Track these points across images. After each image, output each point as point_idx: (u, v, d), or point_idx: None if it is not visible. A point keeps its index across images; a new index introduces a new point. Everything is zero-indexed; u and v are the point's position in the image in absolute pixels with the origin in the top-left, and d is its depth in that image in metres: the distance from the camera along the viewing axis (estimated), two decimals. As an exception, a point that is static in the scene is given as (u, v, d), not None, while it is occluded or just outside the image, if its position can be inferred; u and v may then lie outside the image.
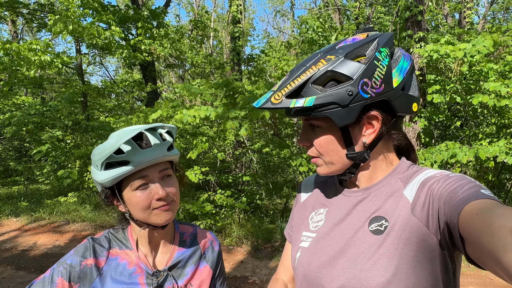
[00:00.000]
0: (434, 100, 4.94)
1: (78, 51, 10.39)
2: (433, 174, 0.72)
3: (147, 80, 10.74)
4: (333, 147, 0.77)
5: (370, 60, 0.71)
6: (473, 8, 11.38)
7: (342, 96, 0.70)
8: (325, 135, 0.77)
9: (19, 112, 7.28)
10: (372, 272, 0.68)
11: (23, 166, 10.63)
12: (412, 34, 5.81)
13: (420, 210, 0.68)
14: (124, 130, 0.89)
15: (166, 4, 11.65)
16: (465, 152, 4.20)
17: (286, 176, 8.11)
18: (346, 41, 0.78)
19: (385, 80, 0.72)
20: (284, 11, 22.50)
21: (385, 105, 0.74)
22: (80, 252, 0.90)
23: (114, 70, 24.62)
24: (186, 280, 0.97)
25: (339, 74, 0.71)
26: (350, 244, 0.75)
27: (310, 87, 0.72)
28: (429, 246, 0.66)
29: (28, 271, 4.36)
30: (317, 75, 0.72)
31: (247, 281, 4.00)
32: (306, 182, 1.00)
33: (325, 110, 0.72)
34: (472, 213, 0.55)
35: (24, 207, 7.50)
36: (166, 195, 0.87)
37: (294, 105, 0.72)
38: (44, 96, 17.18)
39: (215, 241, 1.10)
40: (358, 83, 0.70)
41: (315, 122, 0.77)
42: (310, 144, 0.80)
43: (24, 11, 10.11)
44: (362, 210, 0.78)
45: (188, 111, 4.50)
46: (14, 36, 15.28)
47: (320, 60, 0.73)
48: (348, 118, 0.72)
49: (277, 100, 0.73)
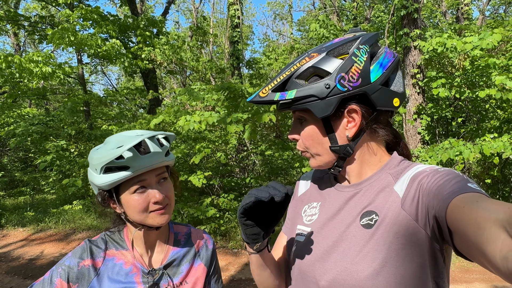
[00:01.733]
0: (440, 94, 4.88)
1: (80, 61, 10.51)
2: (423, 169, 0.74)
3: (149, 88, 10.83)
4: (317, 139, 0.81)
5: (349, 56, 0.76)
6: (470, 4, 11.35)
7: (321, 89, 0.74)
8: (310, 128, 0.81)
9: (23, 123, 7.37)
10: (362, 264, 0.70)
11: (29, 177, 10.72)
12: (409, 32, 5.83)
13: (409, 205, 0.70)
14: (123, 135, 0.92)
15: (164, 13, 11.76)
16: (470, 149, 4.18)
17: (290, 179, 8.11)
18: (333, 41, 0.82)
19: (362, 75, 0.75)
20: (284, 14, 22.61)
21: (365, 99, 0.77)
22: (78, 253, 0.93)
23: (117, 79, 24.84)
24: (181, 278, 0.99)
25: (320, 70, 0.76)
26: (342, 238, 0.77)
27: (293, 81, 0.78)
28: (418, 239, 0.68)
29: (35, 280, 4.40)
30: (300, 71, 0.78)
31: (252, 283, 4.01)
32: (304, 177, 1.03)
33: (305, 102, 0.76)
34: (458, 206, 0.57)
35: (31, 217, 7.58)
36: (163, 198, 0.91)
37: (278, 98, 0.77)
38: (48, 107, 17.35)
39: (209, 240, 1.12)
40: (335, 77, 0.74)
41: (300, 114, 0.82)
42: (299, 137, 0.84)
43: (26, 24, 10.26)
44: (354, 205, 0.80)
45: (192, 117, 4.48)
46: (17, 48, 15.49)
47: (304, 57, 0.79)
48: (326, 110, 0.75)
49: (264, 94, 0.80)
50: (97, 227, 6.64)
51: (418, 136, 5.86)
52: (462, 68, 5.20)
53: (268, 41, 18.78)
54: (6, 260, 5.21)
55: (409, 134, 5.97)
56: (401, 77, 0.82)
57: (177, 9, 22.08)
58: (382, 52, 0.80)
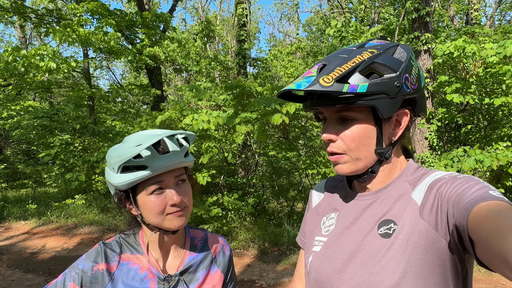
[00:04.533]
0: (455, 100, 4.79)
1: (86, 56, 10.51)
2: (441, 176, 0.72)
3: (153, 84, 10.82)
4: (365, 141, 0.75)
5: (407, 58, 0.74)
6: (480, 9, 11.28)
7: (391, 86, 0.71)
8: (360, 128, 0.74)
9: (28, 115, 7.37)
10: (381, 275, 0.69)
11: (31, 169, 10.74)
12: (419, 35, 5.77)
13: (428, 213, 0.68)
14: (142, 134, 0.89)
15: (171, 10, 11.75)
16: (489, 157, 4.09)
17: (292, 179, 8.08)
18: (374, 42, 0.79)
19: (418, 79, 0.76)
20: (292, 15, 22.56)
21: (412, 103, 0.77)
22: (92, 257, 0.90)
23: (121, 74, 24.87)
24: (198, 285, 0.96)
25: (383, 67, 0.71)
26: (360, 248, 0.75)
27: (357, 75, 0.70)
28: (439, 249, 0.66)
29: (37, 274, 4.39)
30: (364, 64, 0.70)
31: (254, 285, 3.98)
32: (317, 188, 1.00)
33: (373, 99, 0.70)
34: (481, 215, 0.54)
35: (33, 210, 7.58)
36: (181, 201, 0.87)
37: (347, 89, 0.68)
38: (52, 100, 17.39)
39: (226, 246, 1.09)
40: (402, 76, 0.72)
41: (351, 114, 0.74)
42: (337, 138, 0.77)
43: (32, 16, 10.26)
44: (371, 214, 0.78)
45: (200, 116, 4.40)
46: (23, 41, 15.52)
47: (363, 52, 0.73)
48: (392, 110, 0.72)
49: (327, 83, 0.69)
50: (99, 222, 6.63)
51: (426, 141, 5.81)
52: (475, 75, 5.13)
53: (275, 41, 18.76)
54: (8, 253, 5.20)
55: (415, 139, 5.92)
56: None
57: (183, 6, 22.05)
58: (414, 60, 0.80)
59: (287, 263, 4.60)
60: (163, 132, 0.88)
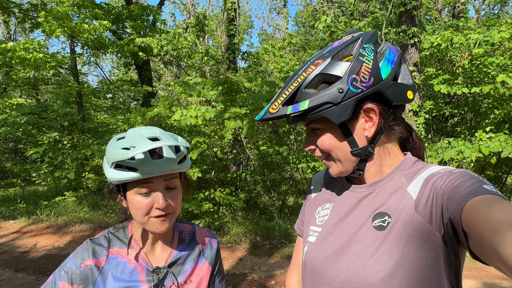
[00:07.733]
0: (442, 90, 4.90)
1: (73, 51, 10.32)
2: (437, 170, 0.73)
3: (143, 80, 10.71)
4: (337, 145, 0.79)
5: (355, 57, 0.75)
6: (467, 3, 11.41)
7: (334, 94, 0.73)
8: (328, 136, 0.79)
9: (15, 112, 7.23)
10: (375, 267, 0.70)
11: (19, 168, 10.56)
12: (406, 29, 5.83)
13: (423, 207, 0.69)
14: (141, 134, 0.88)
15: (160, 3, 11.61)
16: (470, 148, 4.19)
17: (284, 173, 8.12)
18: (333, 45, 0.81)
19: (373, 73, 0.74)
20: (280, 9, 22.47)
21: (380, 97, 0.76)
22: (79, 254, 0.92)
23: (110, 71, 24.51)
24: (186, 277, 0.98)
25: (329, 75, 0.74)
26: (354, 240, 0.76)
27: (303, 92, 0.76)
28: (433, 242, 0.67)
29: (27, 273, 4.36)
30: (308, 80, 0.76)
31: (246, 278, 4.03)
32: (316, 178, 1.03)
33: (320, 111, 0.74)
34: (474, 209, 0.56)
35: (22, 209, 7.48)
36: (166, 206, 0.88)
37: (290, 111, 0.75)
38: (39, 97, 17.06)
39: (213, 239, 1.12)
40: (347, 80, 0.73)
41: (315, 125, 0.80)
42: (316, 147, 0.83)
43: (16, 11, 10.02)
44: (366, 206, 0.80)
45: (189, 112, 4.40)
46: (7, 37, 15.17)
47: (309, 66, 0.77)
48: (343, 115, 0.74)
49: (274, 109, 0.78)
50: (90, 220, 6.59)
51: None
52: (461, 67, 5.22)
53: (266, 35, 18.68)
54: (-3, 253, 5.14)
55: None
56: (407, 70, 0.82)
57: (172, 1, 21.75)
58: (385, 48, 0.80)
59: (279, 256, 4.66)
60: (165, 138, 0.88)
